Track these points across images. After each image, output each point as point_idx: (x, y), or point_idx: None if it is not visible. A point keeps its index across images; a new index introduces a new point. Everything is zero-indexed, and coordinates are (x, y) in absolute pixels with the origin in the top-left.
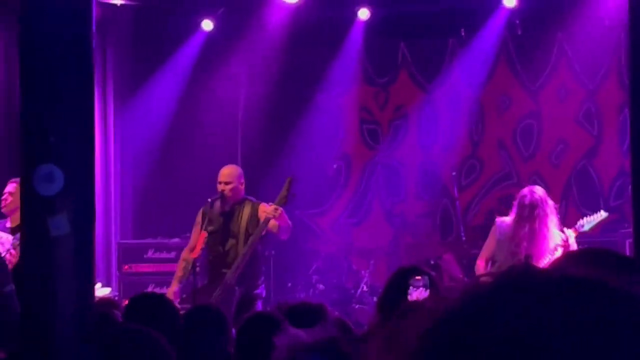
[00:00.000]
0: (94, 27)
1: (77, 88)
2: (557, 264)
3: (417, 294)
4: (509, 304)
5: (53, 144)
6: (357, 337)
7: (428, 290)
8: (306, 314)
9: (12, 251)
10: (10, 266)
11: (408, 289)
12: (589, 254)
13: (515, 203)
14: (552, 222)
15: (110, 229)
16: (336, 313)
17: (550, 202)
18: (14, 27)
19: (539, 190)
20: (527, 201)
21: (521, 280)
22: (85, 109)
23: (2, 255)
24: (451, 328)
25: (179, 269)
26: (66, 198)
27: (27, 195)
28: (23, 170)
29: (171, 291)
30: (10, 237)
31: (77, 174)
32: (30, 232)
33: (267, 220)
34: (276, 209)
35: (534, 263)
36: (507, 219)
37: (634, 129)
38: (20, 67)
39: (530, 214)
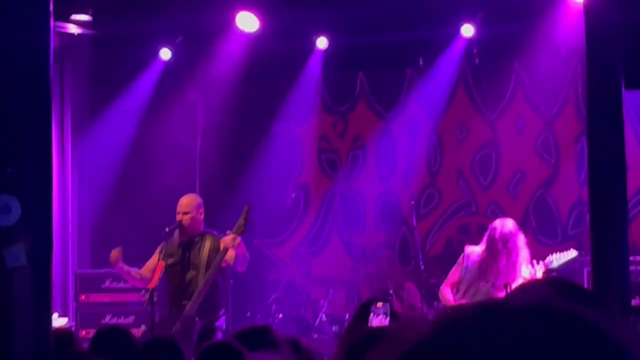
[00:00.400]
0: (51, 58)
1: (34, 119)
2: (521, 293)
3: (378, 321)
4: (483, 335)
5: (10, 175)
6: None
7: (388, 318)
8: (254, 337)
9: None
10: None
11: (370, 314)
12: (553, 284)
13: (486, 235)
14: (523, 256)
15: (68, 259)
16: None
17: (521, 236)
18: None
19: (510, 224)
20: (498, 234)
21: (493, 311)
22: (43, 140)
23: None
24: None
25: (136, 274)
26: (23, 229)
27: None
28: None
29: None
30: None
31: (34, 205)
32: None
33: (225, 250)
34: (235, 238)
35: (498, 295)
36: (477, 249)
37: (591, 158)
38: None
39: (502, 248)
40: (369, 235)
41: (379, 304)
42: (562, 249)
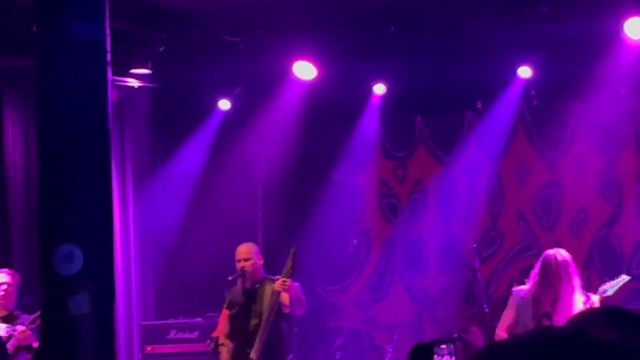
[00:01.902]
0: (110, 108)
1: (95, 167)
2: (576, 321)
3: None
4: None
5: (71, 223)
6: None
7: (453, 358)
8: None
9: (16, 333)
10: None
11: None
12: (603, 313)
13: (538, 266)
14: (577, 285)
15: (132, 310)
16: None
17: (574, 265)
18: (31, 107)
19: (564, 253)
20: (552, 264)
21: (538, 338)
22: (104, 188)
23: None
24: None
25: (224, 355)
26: (86, 277)
27: (46, 275)
28: (41, 250)
29: None
30: (3, 326)
31: (96, 253)
32: (50, 312)
33: (277, 294)
34: (284, 281)
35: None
36: (523, 287)
37: None
38: (38, 147)
39: (556, 278)
40: (431, 279)
41: (443, 346)
42: (627, 287)
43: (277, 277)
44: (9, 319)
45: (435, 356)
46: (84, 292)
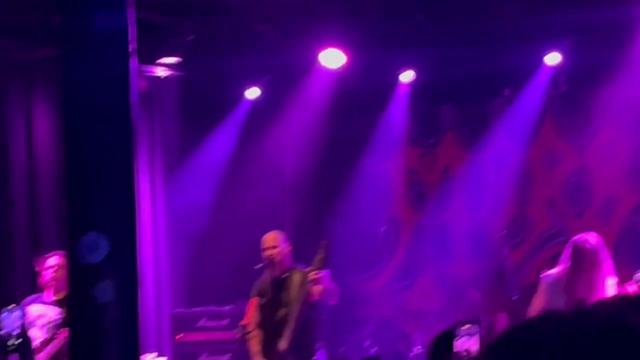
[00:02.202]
0: (135, 95)
1: (119, 157)
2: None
3: (462, 342)
4: (540, 342)
5: (97, 212)
6: None
7: (474, 338)
8: None
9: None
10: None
11: (455, 337)
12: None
13: (568, 251)
14: (609, 270)
15: (162, 299)
16: None
17: (605, 249)
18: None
19: (594, 238)
20: (583, 250)
21: (569, 319)
22: (127, 177)
23: (47, 337)
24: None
25: (254, 344)
26: (110, 266)
27: (72, 263)
28: (67, 239)
29: None
30: (56, 310)
31: (120, 241)
32: (75, 300)
33: (307, 283)
34: (315, 273)
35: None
36: (553, 271)
37: None
38: (63, 137)
39: (588, 264)
40: (460, 266)
41: (465, 326)
42: None
43: (308, 268)
44: (64, 303)
45: (457, 337)
46: (108, 280)
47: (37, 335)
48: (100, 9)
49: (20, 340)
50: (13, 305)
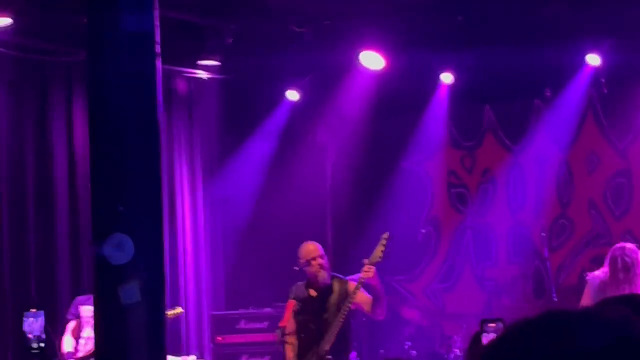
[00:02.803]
0: (160, 98)
1: (145, 157)
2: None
3: (488, 339)
4: (538, 340)
5: (121, 213)
6: None
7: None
8: None
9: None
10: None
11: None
12: (630, 301)
13: (608, 259)
14: None
15: (202, 301)
16: None
17: None
18: None
19: (630, 250)
20: (620, 263)
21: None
22: (154, 178)
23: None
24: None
25: (289, 351)
26: (136, 266)
27: (98, 264)
28: (93, 239)
29: None
30: None
31: (146, 242)
32: (102, 301)
33: (359, 286)
34: (370, 268)
35: None
36: (598, 273)
37: None
38: (90, 138)
39: (625, 277)
40: (501, 268)
41: (491, 324)
42: None
43: (362, 263)
44: None
45: (483, 334)
46: (134, 281)
47: (90, 334)
48: (126, 10)
49: (42, 344)
50: (34, 309)
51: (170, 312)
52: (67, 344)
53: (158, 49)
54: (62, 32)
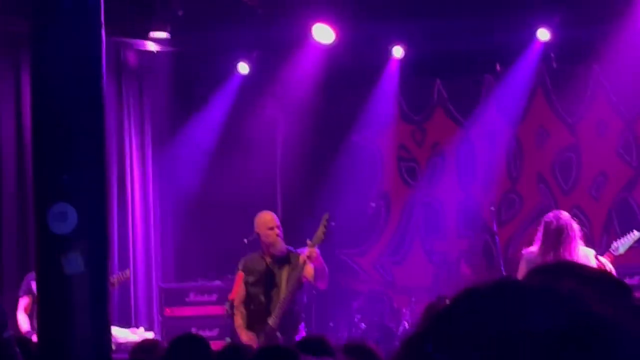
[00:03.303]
0: (104, 68)
1: (89, 127)
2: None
3: None
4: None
5: (66, 182)
6: None
7: None
8: (312, 345)
9: None
10: None
11: None
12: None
13: (540, 229)
14: (578, 247)
15: (151, 273)
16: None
17: (576, 226)
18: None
19: (564, 215)
20: (552, 227)
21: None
22: (98, 148)
23: None
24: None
25: (237, 319)
26: (80, 236)
27: (41, 233)
28: (37, 208)
29: (246, 340)
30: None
31: (91, 212)
32: (44, 271)
33: (304, 263)
34: (311, 251)
35: None
36: (533, 248)
37: None
38: (32, 108)
39: (556, 241)
40: (450, 242)
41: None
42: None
43: (305, 245)
44: None
45: None
46: (77, 251)
47: None
48: None
49: None
50: None
51: (117, 277)
52: (23, 322)
53: (102, 18)
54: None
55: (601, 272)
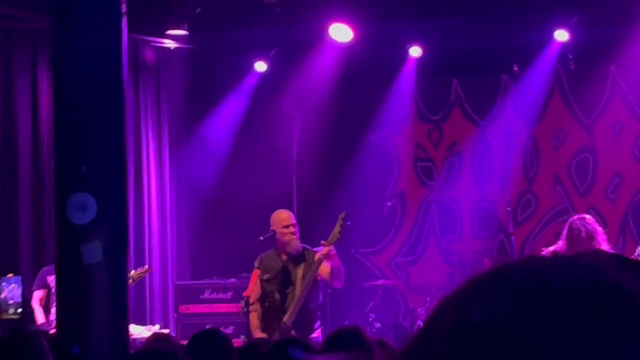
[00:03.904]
0: (125, 60)
1: (108, 119)
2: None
3: None
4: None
5: (85, 173)
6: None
7: None
8: (341, 338)
9: None
10: None
11: None
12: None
13: (566, 234)
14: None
15: (167, 270)
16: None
17: (601, 230)
18: None
19: (590, 220)
20: (583, 233)
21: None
22: (117, 139)
23: None
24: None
25: (253, 318)
26: (99, 227)
27: (61, 223)
28: (57, 198)
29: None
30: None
31: (109, 203)
32: (64, 260)
33: (320, 262)
34: (328, 250)
35: None
36: (551, 249)
37: None
38: (54, 100)
39: (583, 246)
40: (466, 242)
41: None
42: None
43: (320, 245)
44: None
45: None
46: (96, 241)
47: None
48: None
49: (20, 309)
50: (12, 274)
51: (136, 273)
52: (39, 315)
53: (124, 8)
54: None
55: None
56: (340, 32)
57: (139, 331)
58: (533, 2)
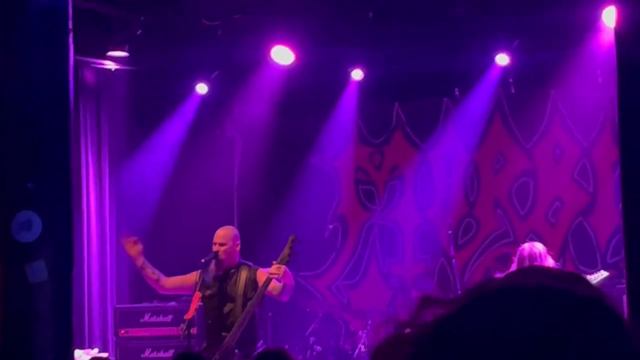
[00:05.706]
0: (71, 81)
1: (55, 137)
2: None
3: None
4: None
5: (31, 190)
6: None
7: None
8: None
9: None
10: None
11: None
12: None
13: (515, 258)
14: None
15: (106, 294)
16: None
17: (550, 259)
18: None
19: (539, 246)
20: (526, 255)
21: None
22: (63, 158)
23: None
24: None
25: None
26: (44, 245)
27: (6, 241)
28: (2, 216)
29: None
30: None
31: (55, 221)
32: (8, 278)
33: (269, 280)
34: (279, 268)
35: None
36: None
37: (626, 185)
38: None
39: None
40: (407, 266)
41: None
42: None
43: (272, 263)
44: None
45: None
46: (41, 260)
47: None
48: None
49: None
50: None
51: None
52: None
53: (71, 24)
54: None
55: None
56: (282, 55)
57: (78, 355)
58: (475, 26)
